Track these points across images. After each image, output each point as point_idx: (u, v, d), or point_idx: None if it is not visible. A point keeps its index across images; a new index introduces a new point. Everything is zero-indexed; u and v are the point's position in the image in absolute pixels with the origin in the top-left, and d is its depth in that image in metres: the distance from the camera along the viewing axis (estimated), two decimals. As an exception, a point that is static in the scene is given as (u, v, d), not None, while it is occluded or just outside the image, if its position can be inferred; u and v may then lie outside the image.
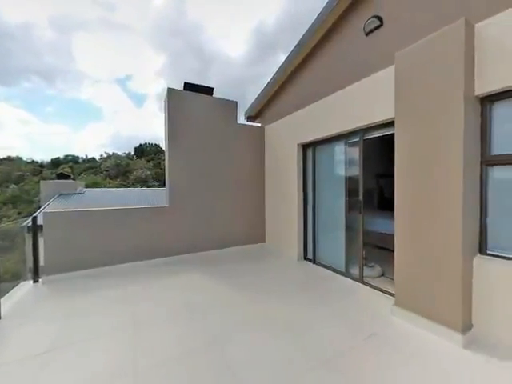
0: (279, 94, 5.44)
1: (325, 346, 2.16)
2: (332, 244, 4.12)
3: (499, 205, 2.21)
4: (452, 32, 2.21)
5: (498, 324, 2.11)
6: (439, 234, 2.29)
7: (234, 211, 5.37)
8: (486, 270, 2.18)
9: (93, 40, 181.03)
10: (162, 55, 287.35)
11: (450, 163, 2.22)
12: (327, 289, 3.39)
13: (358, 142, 3.53)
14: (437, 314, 2.31)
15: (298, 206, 4.67)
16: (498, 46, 2.08)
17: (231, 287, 3.47)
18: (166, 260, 4.62)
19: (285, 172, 5.02)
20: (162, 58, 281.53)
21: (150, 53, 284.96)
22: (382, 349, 2.13)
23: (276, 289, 3.41)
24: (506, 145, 2.15)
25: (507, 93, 2.10)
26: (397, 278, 2.69)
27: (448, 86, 2.22)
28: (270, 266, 4.38)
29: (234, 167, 5.37)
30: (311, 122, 4.28)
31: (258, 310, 2.81)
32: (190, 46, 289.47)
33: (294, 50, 4.57)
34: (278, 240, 5.30)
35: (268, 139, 5.66)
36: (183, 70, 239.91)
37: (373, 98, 3.18)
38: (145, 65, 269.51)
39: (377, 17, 3.26)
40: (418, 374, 1.84)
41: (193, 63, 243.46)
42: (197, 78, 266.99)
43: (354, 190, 3.67)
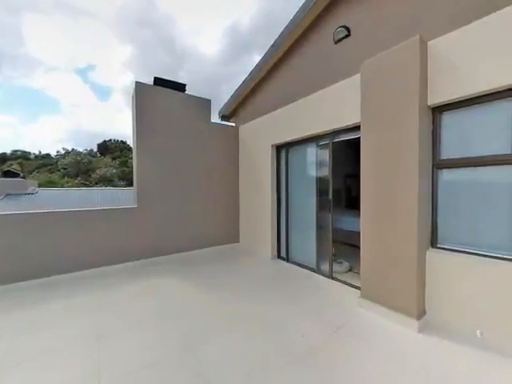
0: (254, 95, 5.48)
1: (297, 342, 2.23)
2: (304, 242, 4.27)
3: (447, 204, 2.49)
4: (408, 47, 2.43)
5: (446, 309, 2.39)
6: (398, 230, 2.51)
7: (207, 212, 5.27)
8: (437, 261, 2.44)
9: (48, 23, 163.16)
10: (129, 46, 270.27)
11: (407, 166, 2.44)
12: (299, 286, 3.50)
13: (328, 145, 3.71)
14: (396, 303, 2.53)
15: (272, 205, 4.75)
16: (446, 63, 2.34)
17: (204, 289, 3.40)
18: (135, 264, 4.36)
19: (259, 172, 5.07)
20: (129, 50, 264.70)
21: (115, 42, 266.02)
22: (349, 339, 2.27)
23: (250, 288, 3.43)
24: (452, 150, 2.44)
25: (452, 104, 2.38)
26: (362, 272, 2.89)
27: (405, 95, 2.45)
28: (244, 266, 4.39)
29: (207, 167, 5.26)
30: (285, 124, 4.38)
31: (232, 311, 2.80)
32: (161, 39, 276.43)
33: (268, 52, 4.64)
34: (252, 240, 5.33)
35: (242, 139, 5.66)
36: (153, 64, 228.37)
37: (342, 103, 3.36)
38: (109, 55, 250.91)
39: (345, 27, 3.46)
40: (380, 359, 1.99)
41: (163, 57, 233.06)
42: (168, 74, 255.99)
43: (324, 189, 3.84)
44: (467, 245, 2.34)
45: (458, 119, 2.41)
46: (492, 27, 2.08)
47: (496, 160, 2.16)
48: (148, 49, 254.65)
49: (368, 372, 1.87)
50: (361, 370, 1.89)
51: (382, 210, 2.66)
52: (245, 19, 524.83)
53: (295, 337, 2.31)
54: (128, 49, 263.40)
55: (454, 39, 2.30)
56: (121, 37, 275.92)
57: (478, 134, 2.28)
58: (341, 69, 3.49)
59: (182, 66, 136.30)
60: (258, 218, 5.13)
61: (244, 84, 5.41)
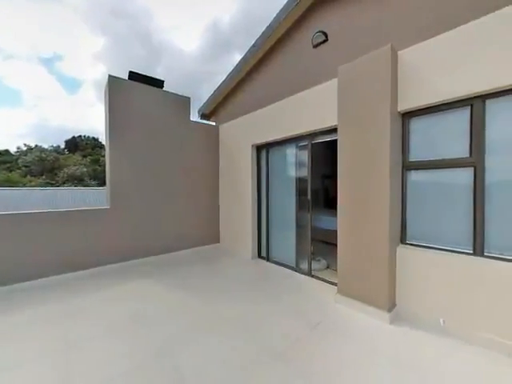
0: (234, 94, 5.45)
1: (277, 340, 2.27)
2: (284, 241, 4.34)
3: (414, 203, 2.68)
4: (380, 55, 2.58)
5: (414, 301, 2.57)
6: (372, 228, 2.66)
7: (186, 212, 5.14)
8: (406, 257, 2.62)
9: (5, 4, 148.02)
10: (102, 37, 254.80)
11: (379, 167, 2.59)
12: (279, 284, 3.55)
13: (307, 146, 3.81)
14: (369, 297, 2.67)
15: (252, 205, 4.76)
16: (413, 72, 2.52)
17: (183, 292, 3.31)
18: (109, 268, 4.12)
19: (239, 172, 5.05)
20: (102, 41, 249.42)
21: (85, 32, 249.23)
22: (327, 334, 2.35)
23: (230, 288, 3.40)
24: (419, 153, 2.63)
25: (419, 111, 2.57)
26: (339, 269, 3.00)
27: (378, 101, 2.59)
28: (224, 267, 4.36)
29: (186, 166, 5.14)
30: (265, 124, 4.42)
31: (212, 312, 2.76)
32: (137, 32, 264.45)
33: (249, 52, 4.65)
34: (233, 240, 5.30)
35: (223, 138, 5.61)
36: (128, 58, 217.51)
37: (320, 106, 3.47)
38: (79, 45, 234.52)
39: (323, 32, 3.58)
40: (355, 351, 2.09)
41: (140, 52, 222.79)
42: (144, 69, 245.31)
43: (303, 189, 3.94)
44: (432, 241, 2.54)
45: (424, 124, 2.60)
46: (454, 41, 2.28)
47: (456, 163, 2.37)
48: (122, 41, 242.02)
49: (344, 364, 1.96)
50: (337, 363, 1.97)
51: (357, 209, 2.79)
52: (225, 18, 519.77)
53: (276, 335, 2.34)
54: (100, 40, 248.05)
55: (420, 50, 2.48)
56: (92, 26, 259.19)
57: (442, 138, 2.49)
58: (319, 72, 3.61)
59: (159, 61, 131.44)
60: (238, 217, 5.11)
61: (224, 83, 5.37)
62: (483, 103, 2.21)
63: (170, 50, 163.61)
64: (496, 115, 2.16)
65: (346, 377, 1.83)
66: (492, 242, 2.19)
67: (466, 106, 2.30)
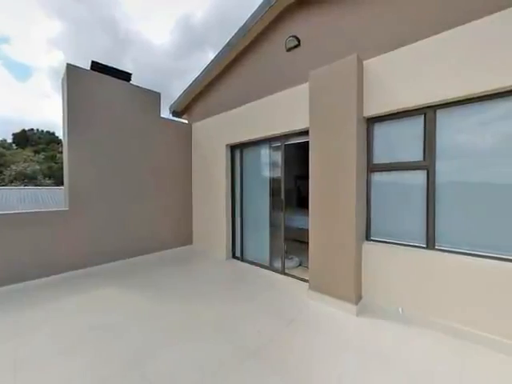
0: (208, 92, 5.35)
1: (253, 339, 2.28)
2: (258, 241, 4.38)
3: (377, 202, 2.91)
4: (347, 64, 2.75)
5: (377, 292, 2.78)
6: (340, 226, 2.81)
7: (156, 214, 4.91)
8: (370, 252, 2.83)
9: None
10: (58, 21, 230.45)
11: (347, 169, 2.75)
12: (254, 284, 3.58)
13: (281, 147, 3.90)
14: (338, 292, 2.83)
15: (226, 205, 4.72)
16: (377, 81, 2.73)
17: (153, 297, 3.16)
18: (68, 276, 3.76)
19: (213, 172, 4.97)
20: (59, 25, 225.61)
21: (39, 14, 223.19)
22: (300, 330, 2.43)
23: (204, 290, 3.34)
24: (381, 156, 2.86)
25: (382, 117, 2.80)
26: (310, 266, 3.13)
27: (345, 106, 2.75)
28: (198, 268, 4.26)
29: (156, 165, 4.90)
30: (239, 124, 4.41)
31: (185, 317, 2.68)
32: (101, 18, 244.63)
33: (223, 50, 4.59)
34: (206, 241, 5.20)
35: (195, 137, 5.46)
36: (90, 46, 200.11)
37: (293, 108, 3.57)
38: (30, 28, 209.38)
39: (295, 37, 3.68)
40: (325, 344, 2.20)
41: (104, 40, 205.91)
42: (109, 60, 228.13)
43: (277, 190, 4.02)
44: (392, 237, 2.78)
45: (386, 130, 2.83)
46: (411, 55, 2.51)
47: (412, 165, 2.62)
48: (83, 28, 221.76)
49: (316, 356, 2.05)
50: (309, 356, 2.05)
51: (327, 208, 2.93)
52: (197, 14, 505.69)
53: (251, 334, 2.36)
54: (57, 24, 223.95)
55: (383, 61, 2.69)
56: (46, 9, 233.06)
57: (401, 143, 2.73)
58: (292, 76, 3.71)
59: (125, 53, 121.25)
60: (212, 218, 5.03)
61: (198, 80, 5.23)
62: (434, 113, 2.47)
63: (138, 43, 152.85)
64: (445, 124, 2.44)
65: (317, 368, 1.91)
66: (442, 236, 2.47)
67: (420, 114, 2.56)
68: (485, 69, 2.12)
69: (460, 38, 2.24)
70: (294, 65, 3.76)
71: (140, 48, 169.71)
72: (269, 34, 4.11)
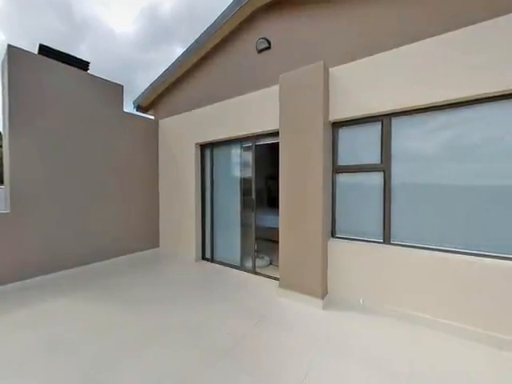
0: (177, 88, 5.14)
1: (223, 340, 2.25)
2: (229, 241, 4.34)
3: (341, 202, 3.10)
4: (314, 70, 2.88)
5: (341, 286, 2.96)
6: (308, 224, 2.93)
7: (118, 216, 4.56)
8: (335, 248, 3.00)
9: None
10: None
11: (314, 170, 2.88)
12: (224, 284, 3.54)
13: (251, 147, 3.92)
14: (306, 288, 2.95)
15: (196, 206, 4.59)
16: (341, 88, 2.90)
17: (114, 306, 2.93)
18: (14, 286, 3.28)
19: (182, 171, 4.80)
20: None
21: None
22: (270, 327, 2.47)
23: (172, 295, 3.20)
24: (345, 158, 3.05)
25: (345, 122, 2.99)
26: (280, 264, 3.20)
27: (313, 110, 2.88)
28: (165, 272, 4.06)
29: (119, 162, 4.56)
30: (209, 123, 4.32)
31: (151, 324, 2.53)
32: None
33: (191, 47, 4.46)
34: (174, 243, 4.99)
35: (163, 135, 5.21)
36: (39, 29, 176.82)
37: (264, 109, 3.61)
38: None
39: (266, 39, 3.74)
40: (294, 338, 2.27)
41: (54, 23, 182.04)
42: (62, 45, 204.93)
43: (247, 189, 4.03)
44: (355, 233, 2.99)
45: (349, 134, 3.03)
46: (371, 66, 2.73)
47: (371, 167, 2.85)
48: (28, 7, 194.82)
49: (285, 352, 2.10)
50: (279, 351, 2.10)
51: (296, 207, 3.03)
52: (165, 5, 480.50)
53: (221, 335, 2.32)
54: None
55: (347, 70, 2.88)
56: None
57: (362, 146, 2.95)
58: (263, 77, 3.75)
59: (82, 39, 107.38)
60: (181, 219, 4.85)
61: (165, 76, 5.00)
62: (390, 120, 2.72)
63: (97, 29, 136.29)
64: (399, 130, 2.70)
65: (286, 362, 1.96)
66: (396, 232, 2.73)
67: (378, 121, 2.79)
68: (431, 83, 2.39)
69: (413, 54, 2.50)
70: (264, 66, 3.81)
71: (100, 36, 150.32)
72: (240, 34, 4.10)
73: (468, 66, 2.23)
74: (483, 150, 2.30)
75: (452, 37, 2.30)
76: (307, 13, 3.38)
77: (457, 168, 2.41)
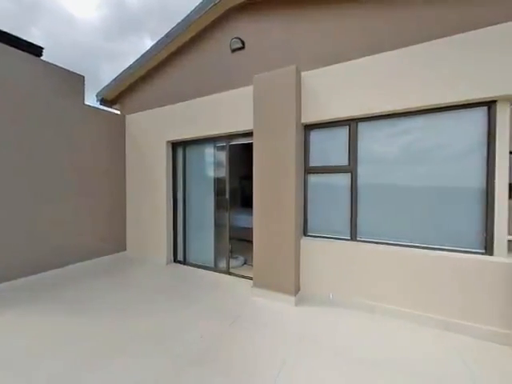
0: (147, 82, 4.87)
1: (196, 344, 2.20)
2: (202, 242, 4.25)
3: (312, 201, 3.22)
4: (287, 73, 2.95)
5: (313, 282, 3.08)
6: (281, 223, 3.00)
7: (80, 218, 4.18)
8: (307, 247, 3.11)
9: None
10: None
11: (287, 171, 2.95)
12: (197, 287, 3.46)
13: (225, 147, 3.88)
14: (280, 286, 3.01)
15: (167, 206, 4.41)
16: (311, 92, 3.02)
17: (77, 316, 2.68)
18: None
19: (151, 170, 4.57)
20: None
21: None
22: (244, 327, 2.48)
23: (141, 301, 3.03)
24: (316, 159, 3.18)
25: (316, 125, 3.11)
26: (254, 263, 3.23)
27: (286, 112, 2.95)
28: (133, 277, 3.84)
29: (80, 160, 4.18)
30: (182, 121, 4.18)
31: (118, 333, 2.37)
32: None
33: (162, 41, 4.27)
34: (143, 246, 4.74)
35: (131, 131, 4.90)
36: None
37: (238, 109, 3.60)
38: None
39: (239, 39, 3.73)
40: (268, 336, 2.31)
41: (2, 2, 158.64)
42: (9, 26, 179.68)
43: (221, 189, 3.99)
44: (325, 231, 3.13)
45: (320, 136, 3.16)
46: (340, 73, 2.88)
47: (340, 169, 3.01)
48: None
49: (259, 350, 2.12)
50: (252, 350, 2.12)
51: (270, 207, 3.08)
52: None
53: (194, 339, 2.26)
54: None
55: (317, 75, 3.00)
56: None
57: (331, 148, 3.10)
58: (238, 77, 3.74)
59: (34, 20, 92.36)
60: (150, 220, 4.61)
61: (133, 68, 4.70)
62: (356, 124, 2.90)
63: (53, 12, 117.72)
64: (364, 134, 2.90)
65: (260, 361, 1.99)
66: (362, 229, 2.92)
67: (346, 125, 2.96)
68: (393, 92, 2.61)
69: (377, 64, 2.69)
70: (238, 66, 3.80)
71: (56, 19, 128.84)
72: (214, 32, 4.03)
73: (423, 78, 2.47)
74: (435, 154, 2.57)
75: (410, 51, 2.53)
76: (281, 16, 3.45)
77: (413, 170, 2.67)
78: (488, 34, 2.23)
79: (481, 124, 2.38)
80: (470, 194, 2.43)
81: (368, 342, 2.23)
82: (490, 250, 2.33)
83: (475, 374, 1.85)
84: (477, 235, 2.41)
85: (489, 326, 2.25)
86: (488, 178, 2.33)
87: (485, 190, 2.35)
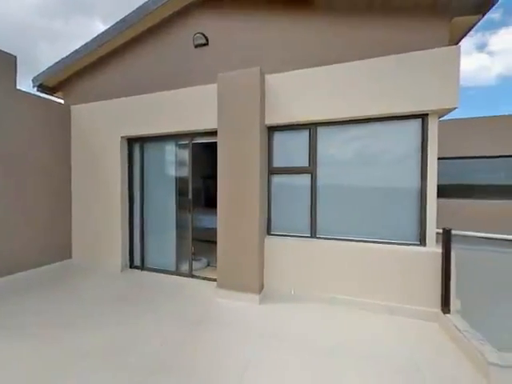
0: (99, 70, 4.40)
1: (156, 353, 2.07)
2: (163, 245, 4.02)
3: (276, 201, 3.32)
4: (251, 74, 2.99)
5: (276, 280, 3.17)
6: (246, 223, 3.02)
7: (11, 222, 3.56)
8: (271, 245, 3.19)
9: None
10: None
11: (251, 171, 2.99)
12: (157, 293, 3.26)
13: (188, 145, 3.74)
14: (244, 285, 3.03)
15: (122, 207, 4.05)
16: (274, 94, 3.11)
17: (10, 335, 2.27)
18: None
19: (103, 167, 4.14)
20: None
21: None
22: (207, 330, 2.42)
23: (89, 313, 2.72)
24: (279, 160, 3.28)
25: (278, 127, 3.22)
26: (218, 264, 3.18)
27: (251, 113, 2.99)
28: (82, 287, 3.42)
29: (7, 156, 3.55)
30: (140, 115, 3.88)
31: (62, 351, 2.08)
32: None
33: (117, 26, 3.91)
34: (93, 252, 4.26)
35: (77, 123, 4.36)
36: None
37: (201, 107, 3.49)
38: None
39: (203, 34, 3.63)
40: (233, 336, 2.30)
41: None
42: None
43: (184, 189, 3.83)
44: (287, 230, 3.25)
45: (283, 138, 3.28)
46: (301, 78, 3.02)
47: (301, 170, 3.17)
48: None
49: (224, 351, 2.10)
50: (218, 352, 2.09)
51: (234, 206, 3.07)
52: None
53: (154, 348, 2.12)
54: None
55: (280, 78, 3.10)
56: None
57: (293, 150, 3.23)
58: (202, 73, 3.64)
59: None
60: (102, 223, 4.17)
61: (81, 53, 4.20)
62: (316, 128, 3.09)
63: None
64: (323, 138, 3.10)
65: (225, 362, 1.96)
66: (321, 227, 3.12)
67: (306, 128, 3.13)
68: (346, 101, 2.84)
69: (333, 73, 2.90)
70: (202, 62, 3.70)
71: None
72: (176, 24, 3.86)
73: (370, 90, 2.75)
74: (381, 158, 2.89)
75: (360, 65, 2.80)
76: (247, 17, 3.48)
77: (364, 173, 2.95)
78: (421, 57, 2.60)
79: (416, 133, 2.76)
80: (409, 194, 2.80)
81: (326, 331, 2.40)
82: (424, 241, 2.72)
83: (412, 349, 2.15)
84: (414, 229, 2.79)
85: (422, 307, 2.63)
86: (422, 180, 2.72)
87: (419, 190, 2.74)
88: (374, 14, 2.92)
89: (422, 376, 1.85)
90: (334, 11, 3.07)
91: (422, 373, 1.88)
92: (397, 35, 2.83)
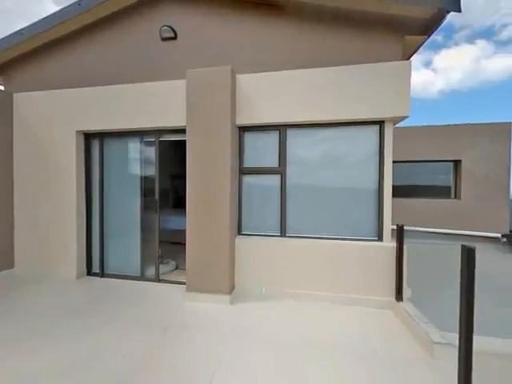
0: (50, 55, 3.92)
1: (118, 367, 1.92)
2: (126, 249, 3.75)
3: (246, 201, 3.34)
4: (222, 72, 2.95)
5: (247, 279, 3.19)
6: (216, 223, 2.98)
7: None
8: (241, 245, 3.19)
9: None
10: None
11: (222, 171, 2.96)
12: (118, 301, 3.03)
13: (154, 142, 3.55)
14: (215, 287, 2.98)
15: (78, 209, 3.68)
16: (245, 94, 3.12)
17: None
18: None
19: (54, 165, 3.71)
20: None
21: None
22: (175, 336, 2.32)
23: (39, 330, 2.41)
24: (250, 160, 3.31)
25: (249, 127, 3.24)
26: (188, 267, 3.08)
27: (222, 112, 2.95)
28: (28, 299, 3.02)
29: None
30: (99, 108, 3.56)
31: (13, 379, 1.81)
32: None
33: (71, 8, 3.54)
34: (43, 258, 3.78)
35: (21, 114, 3.83)
36: None
37: (169, 103, 3.33)
38: None
39: (171, 28, 3.48)
40: (203, 339, 2.24)
41: None
42: None
43: (150, 189, 3.62)
44: (258, 230, 3.29)
45: (254, 138, 3.30)
46: (272, 81, 3.08)
47: (271, 170, 3.23)
48: None
49: (193, 355, 2.04)
50: (187, 358, 2.01)
51: (203, 207, 3.01)
52: None
53: (114, 363, 1.97)
54: None
55: (251, 80, 3.12)
56: None
57: (264, 151, 3.28)
58: (170, 68, 3.48)
59: None
60: (53, 227, 3.73)
61: (26, 35, 3.70)
62: (285, 130, 3.18)
63: None
64: (292, 139, 3.20)
65: (194, 367, 1.91)
66: (290, 226, 3.22)
67: (276, 129, 3.20)
68: (314, 105, 2.98)
69: (302, 78, 3.01)
70: (170, 56, 3.54)
71: None
72: (142, 13, 3.62)
73: (334, 96, 2.93)
74: (344, 160, 3.10)
75: (326, 72, 2.96)
76: (218, 16, 3.42)
77: (329, 173, 3.13)
78: (379, 69, 2.85)
79: (375, 138, 3.01)
80: (368, 194, 3.04)
81: (294, 326, 2.48)
82: (381, 237, 2.98)
83: (370, 336, 2.34)
84: (373, 226, 3.04)
85: (380, 296, 2.88)
86: (379, 181, 2.98)
87: (377, 190, 3.00)
88: (338, 24, 3.10)
89: (378, 358, 2.04)
90: (302, 18, 3.19)
91: (378, 355, 2.06)
92: (358, 46, 3.05)
